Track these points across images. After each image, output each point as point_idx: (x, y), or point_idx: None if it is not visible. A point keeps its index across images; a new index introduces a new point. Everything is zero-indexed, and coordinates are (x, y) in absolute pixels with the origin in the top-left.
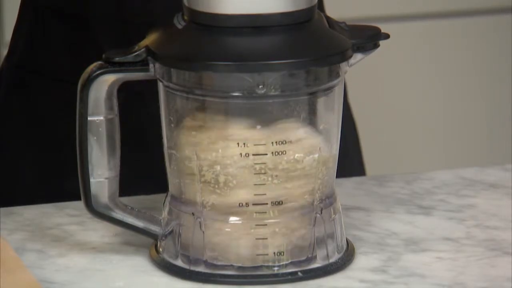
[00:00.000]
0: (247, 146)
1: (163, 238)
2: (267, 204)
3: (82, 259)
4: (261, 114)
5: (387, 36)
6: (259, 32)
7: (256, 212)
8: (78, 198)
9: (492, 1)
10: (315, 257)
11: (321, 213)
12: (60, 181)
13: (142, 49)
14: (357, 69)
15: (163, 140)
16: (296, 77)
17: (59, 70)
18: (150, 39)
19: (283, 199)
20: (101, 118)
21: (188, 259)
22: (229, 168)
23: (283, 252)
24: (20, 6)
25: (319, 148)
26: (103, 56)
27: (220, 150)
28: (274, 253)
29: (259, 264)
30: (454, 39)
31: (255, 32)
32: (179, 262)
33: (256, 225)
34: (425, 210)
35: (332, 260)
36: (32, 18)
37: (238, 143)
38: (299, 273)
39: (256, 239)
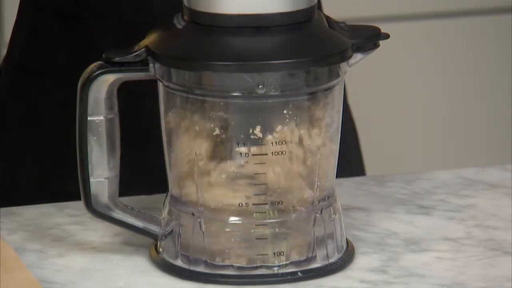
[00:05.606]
0: (246, 146)
1: (163, 238)
2: (267, 204)
3: (82, 259)
4: (261, 114)
5: (387, 36)
6: (259, 32)
7: (256, 212)
8: (78, 198)
9: (492, 1)
10: (315, 257)
11: (321, 213)
12: (60, 181)
13: (142, 49)
14: (357, 69)
15: (163, 140)
16: (296, 77)
17: (59, 70)
18: (150, 39)
19: (283, 199)
20: (101, 118)
21: (188, 259)
22: (229, 168)
23: (283, 252)
24: (19, 6)
25: (319, 148)
26: (103, 56)
27: (220, 150)
28: (274, 253)
29: (259, 264)
30: (454, 39)
31: (255, 32)
32: (179, 262)
33: (256, 225)
34: (425, 210)
35: (332, 260)
36: (32, 18)
37: (238, 143)
38: (299, 273)
39: (256, 239)
